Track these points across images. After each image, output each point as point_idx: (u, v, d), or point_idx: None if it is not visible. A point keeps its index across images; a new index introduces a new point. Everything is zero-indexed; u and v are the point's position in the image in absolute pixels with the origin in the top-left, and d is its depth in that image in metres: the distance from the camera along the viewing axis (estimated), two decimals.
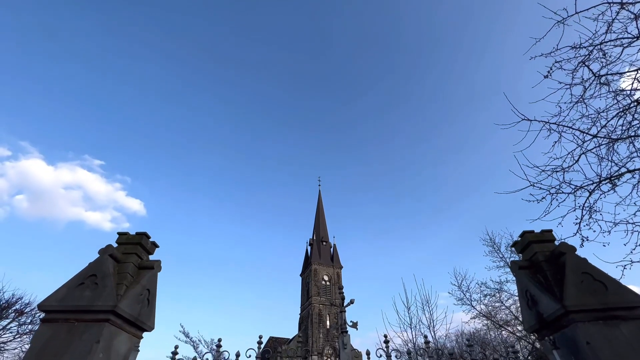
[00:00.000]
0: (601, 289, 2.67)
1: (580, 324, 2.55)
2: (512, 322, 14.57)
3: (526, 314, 3.15)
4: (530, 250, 3.21)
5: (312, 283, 57.70)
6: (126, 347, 2.96)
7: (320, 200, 77.79)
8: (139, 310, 3.07)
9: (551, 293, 2.79)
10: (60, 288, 2.94)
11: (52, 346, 2.60)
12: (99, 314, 2.76)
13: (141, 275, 3.27)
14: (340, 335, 2.90)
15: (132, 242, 3.42)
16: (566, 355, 2.69)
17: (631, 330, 2.50)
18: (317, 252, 64.22)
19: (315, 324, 50.33)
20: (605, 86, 4.66)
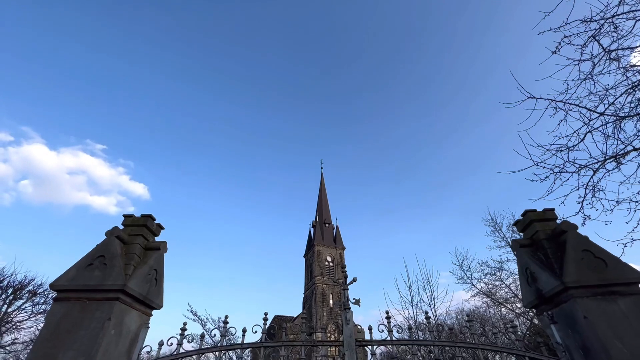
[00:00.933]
0: (601, 266, 2.70)
1: (579, 299, 2.60)
2: (512, 299, 14.89)
3: (526, 290, 3.21)
4: (531, 229, 3.22)
5: (316, 264, 58.82)
6: (137, 324, 3.06)
7: (322, 183, 77.99)
8: (147, 289, 3.16)
9: (551, 270, 2.83)
10: (70, 268, 3.02)
11: (65, 323, 2.69)
12: (109, 293, 2.84)
13: (148, 256, 3.34)
14: (343, 312, 2.98)
15: (138, 224, 3.47)
16: (563, 329, 2.76)
17: (628, 304, 2.54)
18: (320, 234, 65.03)
19: (319, 303, 51.77)
20: (615, 62, 4.53)
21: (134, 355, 2.92)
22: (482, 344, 2.76)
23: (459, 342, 2.79)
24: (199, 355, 2.95)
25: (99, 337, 2.60)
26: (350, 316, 2.97)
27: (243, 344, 2.93)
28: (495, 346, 2.79)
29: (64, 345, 2.56)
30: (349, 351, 2.80)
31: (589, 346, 2.50)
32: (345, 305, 3.02)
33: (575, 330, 2.63)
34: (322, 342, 2.89)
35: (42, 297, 17.92)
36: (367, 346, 2.86)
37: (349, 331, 2.89)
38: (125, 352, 2.87)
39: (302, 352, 2.93)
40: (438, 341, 2.79)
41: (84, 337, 2.62)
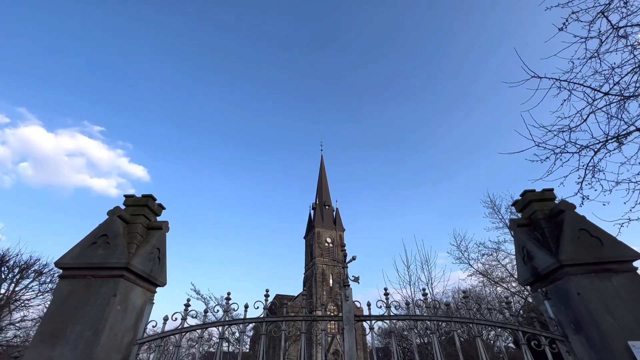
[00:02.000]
0: (597, 244, 2.74)
1: (573, 276, 2.66)
2: (507, 279, 15.22)
3: (522, 269, 3.28)
4: (530, 209, 3.25)
5: (316, 245, 59.74)
6: (141, 300, 3.15)
7: (322, 165, 77.88)
8: (150, 267, 3.22)
9: (547, 249, 2.88)
10: (74, 247, 3.07)
11: (72, 299, 2.77)
12: (113, 270, 2.90)
13: (150, 235, 3.38)
14: (342, 289, 3.05)
15: (139, 204, 3.49)
16: (557, 305, 2.84)
17: (621, 281, 2.60)
18: (320, 216, 65.64)
19: (319, 283, 53.00)
20: (623, 39, 4.41)
21: (140, 329, 3.01)
22: (477, 319, 2.85)
23: (454, 317, 2.88)
24: (203, 330, 3.05)
25: (105, 312, 2.68)
26: (350, 293, 3.05)
27: (245, 319, 3.02)
28: (490, 321, 2.88)
29: (72, 320, 2.65)
30: (348, 326, 2.89)
31: (580, 321, 2.58)
32: (344, 282, 3.09)
33: (568, 306, 2.71)
34: (322, 318, 2.98)
35: (48, 276, 18.34)
36: (366, 321, 2.95)
37: (348, 307, 2.97)
38: (132, 326, 2.97)
39: (302, 326, 3.03)
40: (434, 316, 2.88)
41: (90, 312, 2.70)
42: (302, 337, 3.06)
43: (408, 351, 33.43)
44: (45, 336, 2.59)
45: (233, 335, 11.35)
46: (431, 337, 2.89)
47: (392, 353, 2.96)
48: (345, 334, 2.86)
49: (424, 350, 15.40)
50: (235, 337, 10.84)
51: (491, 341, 33.46)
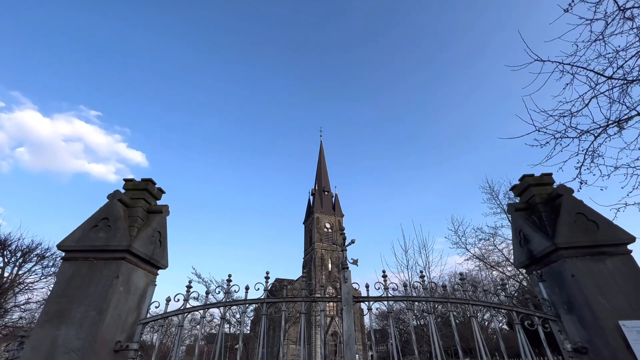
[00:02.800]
0: (593, 228, 2.78)
1: (568, 259, 2.71)
2: (503, 263, 15.51)
3: (518, 252, 3.33)
4: (528, 193, 3.27)
5: (315, 230, 60.30)
6: (144, 282, 3.20)
7: (321, 150, 77.61)
8: (152, 250, 3.26)
9: (544, 232, 2.92)
10: (75, 230, 3.09)
11: (76, 280, 2.81)
12: (115, 253, 2.94)
13: (151, 218, 3.40)
14: (342, 271, 3.10)
15: (139, 187, 3.50)
16: (551, 287, 2.91)
17: (615, 264, 2.65)
18: (319, 202, 65.95)
19: (318, 267, 53.85)
20: (629, 21, 4.32)
21: (143, 309, 3.08)
22: (472, 300, 2.92)
23: (450, 299, 2.95)
24: (205, 310, 3.12)
25: (109, 293, 2.73)
26: (349, 275, 3.10)
27: (246, 300, 3.08)
28: (485, 302, 2.95)
29: (76, 300, 2.70)
30: (346, 306, 2.96)
31: (573, 302, 2.65)
32: (343, 265, 3.15)
33: (562, 287, 2.77)
34: (321, 299, 3.05)
35: (51, 260, 18.60)
36: (364, 302, 3.02)
37: (346, 288, 3.03)
38: (135, 307, 3.03)
39: (302, 307, 3.10)
40: (431, 297, 2.95)
41: (94, 294, 2.75)
42: (302, 317, 3.14)
43: (405, 332, 34.36)
44: (51, 316, 2.65)
45: (234, 317, 11.62)
46: (427, 319, 2.96)
47: (389, 334, 3.04)
48: (344, 314, 2.93)
49: (420, 332, 15.85)
50: (237, 318, 11.10)
51: (486, 323, 34.31)
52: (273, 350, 39.38)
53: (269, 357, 38.79)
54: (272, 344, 39.51)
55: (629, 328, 2.35)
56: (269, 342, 39.67)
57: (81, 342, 2.52)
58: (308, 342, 44.07)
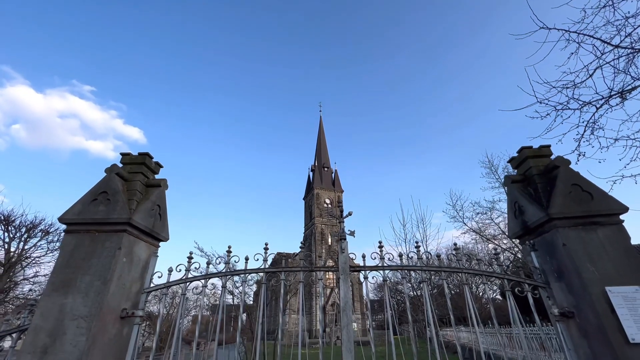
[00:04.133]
0: (587, 199, 2.81)
1: (561, 229, 2.76)
2: (499, 236, 15.83)
3: (512, 223, 3.38)
4: (525, 165, 3.27)
5: (315, 206, 60.96)
6: (146, 253, 3.28)
7: (321, 126, 76.75)
8: (152, 222, 3.31)
9: (539, 203, 2.95)
10: (75, 203, 3.12)
11: (79, 252, 2.88)
12: (116, 226, 2.98)
13: (150, 192, 3.42)
14: (339, 242, 3.17)
15: (136, 162, 3.49)
16: (542, 256, 2.99)
17: (606, 234, 2.71)
18: (319, 177, 66.16)
19: (318, 241, 55.00)
20: None
21: (146, 279, 3.18)
22: (465, 268, 3.01)
23: (445, 267, 3.04)
24: (206, 280, 3.22)
25: (112, 264, 2.81)
26: (346, 245, 3.18)
27: (246, 270, 3.18)
28: (478, 270, 3.05)
29: (81, 271, 2.78)
30: (343, 275, 3.06)
31: (563, 269, 2.73)
32: (341, 236, 3.21)
33: (553, 256, 2.84)
34: (319, 268, 3.14)
35: (55, 235, 18.97)
36: (360, 271, 3.11)
37: (344, 258, 3.12)
38: (139, 277, 3.13)
39: (301, 276, 3.20)
40: (426, 266, 3.04)
41: (98, 264, 2.82)
42: (301, 286, 3.25)
43: (402, 302, 35.61)
44: (57, 286, 2.74)
45: (237, 288, 12.02)
46: (422, 288, 3.07)
47: (384, 299, 3.16)
48: (341, 283, 3.04)
49: (416, 302, 16.48)
50: (237, 287, 11.50)
51: (480, 293, 35.56)
52: (275, 320, 41.09)
53: (271, 325, 40.60)
54: (274, 313, 41.16)
55: (615, 293, 2.44)
56: (272, 312, 41.30)
57: (88, 310, 2.62)
58: (308, 312, 45.89)
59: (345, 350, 2.73)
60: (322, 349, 2.94)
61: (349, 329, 2.84)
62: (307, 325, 44.28)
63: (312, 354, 16.86)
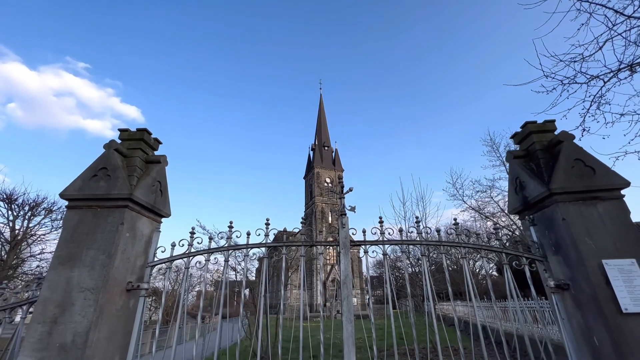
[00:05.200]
0: (589, 174, 2.79)
1: (562, 204, 2.76)
2: (498, 214, 15.98)
3: (512, 199, 3.39)
4: (528, 140, 3.23)
5: (315, 185, 61.19)
6: (148, 229, 3.31)
7: (321, 104, 75.58)
8: (154, 199, 3.32)
9: (540, 178, 2.94)
10: (75, 180, 3.11)
11: (82, 227, 2.91)
12: (117, 201, 2.99)
13: (150, 168, 3.41)
14: (340, 218, 3.19)
15: (135, 138, 3.45)
16: (541, 231, 3.01)
17: (606, 208, 2.71)
18: (319, 157, 65.97)
19: (319, 220, 55.67)
20: None
21: (150, 254, 3.23)
22: (464, 242, 3.05)
23: (444, 242, 3.08)
24: (208, 255, 3.27)
25: (116, 238, 2.84)
26: (346, 221, 3.20)
27: (248, 244, 3.22)
28: (477, 244, 3.09)
29: (85, 245, 2.82)
30: (344, 250, 3.10)
31: (561, 243, 2.76)
32: (341, 211, 3.23)
33: (551, 230, 2.87)
34: (319, 242, 3.19)
35: (59, 213, 19.20)
36: (360, 246, 3.15)
37: (344, 233, 3.15)
38: (142, 252, 3.18)
39: (302, 251, 3.25)
40: (425, 241, 3.08)
41: (101, 239, 2.86)
42: (302, 260, 3.31)
43: (400, 279, 36.52)
44: (63, 259, 2.79)
45: (239, 265, 12.29)
46: (421, 266, 3.12)
47: (384, 275, 3.22)
48: (341, 257, 3.09)
49: (414, 278, 16.91)
50: (239, 263, 11.77)
51: (477, 270, 36.35)
52: (277, 295, 42.37)
53: (273, 300, 41.91)
54: (276, 289, 42.34)
55: (611, 266, 2.48)
56: (273, 287, 42.47)
57: (94, 282, 2.68)
58: (309, 287, 47.21)
59: (345, 321, 2.82)
60: (323, 321, 3.04)
61: (349, 300, 2.92)
62: (308, 300, 45.72)
63: (313, 326, 17.48)
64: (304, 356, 2.92)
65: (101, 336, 2.60)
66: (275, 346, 11.17)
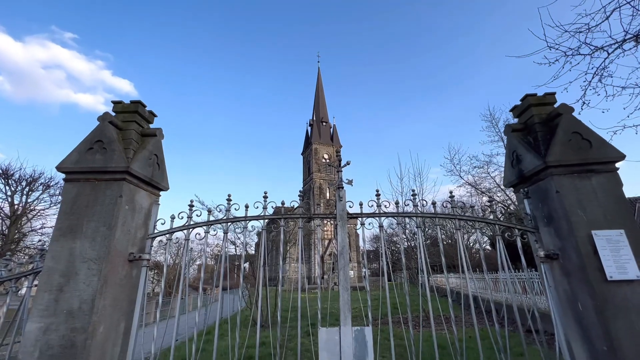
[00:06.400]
0: (586, 147, 2.80)
1: (556, 177, 2.80)
2: (494, 189, 16.16)
3: (509, 172, 3.41)
4: (527, 114, 3.21)
5: (313, 161, 61.09)
6: (147, 202, 3.34)
7: (319, 78, 73.76)
8: (151, 172, 3.32)
9: (537, 151, 2.95)
10: (71, 153, 3.09)
11: (81, 200, 2.93)
12: (115, 174, 2.99)
13: (146, 141, 3.38)
14: (337, 191, 3.22)
15: (129, 110, 3.39)
16: (535, 203, 3.07)
17: (599, 181, 2.75)
18: (317, 132, 65.36)
19: (317, 195, 56.10)
20: None
21: (150, 226, 3.28)
22: (459, 215, 3.11)
23: (439, 214, 3.14)
24: (208, 227, 3.32)
25: (115, 210, 2.87)
26: (343, 194, 3.24)
27: (246, 217, 3.27)
28: (471, 216, 3.15)
29: (86, 217, 2.85)
30: (341, 222, 3.16)
31: (553, 215, 2.82)
32: (339, 185, 3.26)
33: (545, 203, 2.92)
34: (317, 215, 3.24)
35: (57, 189, 19.22)
36: (358, 218, 3.21)
37: (341, 206, 3.20)
38: (142, 224, 3.22)
39: (300, 222, 3.31)
40: (421, 214, 3.14)
41: (101, 211, 2.89)
42: (300, 232, 3.37)
43: (396, 252, 37.55)
44: (64, 231, 2.83)
45: (238, 239, 12.51)
46: (417, 236, 3.19)
47: (380, 247, 3.30)
48: (338, 229, 3.15)
49: (409, 252, 17.37)
50: (238, 236, 11.98)
51: (471, 244, 37.21)
52: (276, 268, 43.53)
53: (272, 273, 43.11)
54: (275, 262, 43.43)
55: (600, 237, 2.56)
56: (272, 261, 43.56)
57: (96, 253, 2.74)
58: (307, 261, 48.48)
59: (342, 289, 2.93)
60: (320, 292, 3.15)
61: (346, 270, 3.02)
62: (306, 272, 47.11)
63: (311, 297, 18.12)
64: (302, 324, 3.06)
65: (106, 303, 2.70)
66: (275, 315, 11.66)
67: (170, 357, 3.02)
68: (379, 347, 3.45)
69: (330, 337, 2.81)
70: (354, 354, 2.74)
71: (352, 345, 2.75)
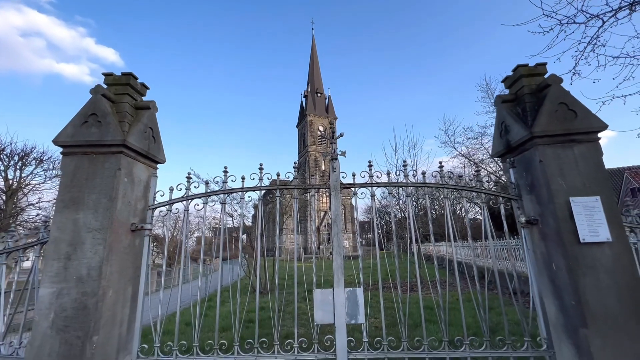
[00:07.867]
0: (571, 117, 2.89)
1: (541, 147, 2.91)
2: (487, 160, 16.38)
3: (497, 142, 3.52)
4: (518, 84, 3.26)
5: (308, 133, 60.55)
6: (145, 174, 3.42)
7: (314, 47, 71.15)
8: (147, 145, 3.36)
9: (524, 122, 3.04)
10: (66, 126, 3.11)
11: (81, 172, 2.99)
12: (111, 147, 3.04)
13: (140, 114, 3.39)
14: (331, 162, 3.32)
15: (121, 82, 3.37)
16: (519, 172, 3.21)
17: (581, 150, 2.87)
18: (312, 104, 64.20)
19: (312, 168, 56.27)
20: None
21: (150, 197, 3.39)
22: (447, 184, 3.25)
23: (427, 183, 3.28)
24: (206, 198, 3.44)
25: (115, 182, 2.95)
26: (337, 165, 3.34)
27: (243, 187, 3.38)
28: (457, 185, 3.30)
29: (87, 190, 2.93)
30: (334, 192, 3.29)
31: (535, 183, 2.98)
32: (333, 156, 3.35)
33: (528, 172, 3.06)
34: (312, 186, 3.36)
35: (50, 163, 19.06)
36: (351, 188, 3.34)
37: (335, 177, 3.31)
38: (142, 196, 3.32)
39: (295, 193, 3.44)
40: (410, 183, 3.27)
41: (101, 184, 2.97)
42: (295, 202, 3.51)
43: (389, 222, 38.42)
44: (67, 203, 2.92)
45: (235, 212, 12.73)
46: (407, 204, 3.34)
47: (371, 217, 3.46)
48: (332, 199, 3.29)
49: (402, 223, 17.89)
50: (235, 209, 12.19)
51: (462, 215, 38.14)
52: (273, 239, 44.53)
53: (269, 244, 44.14)
54: (272, 234, 44.33)
55: (577, 203, 2.73)
56: (269, 232, 44.44)
57: (100, 224, 2.86)
58: (303, 232, 49.57)
59: (335, 254, 3.12)
60: (315, 261, 3.34)
61: (339, 237, 3.19)
62: (302, 243, 48.34)
63: (307, 266, 18.80)
64: (299, 290, 3.27)
65: (113, 270, 2.86)
66: (273, 282, 12.18)
67: (176, 319, 3.25)
68: (369, 308, 3.72)
69: (324, 297, 3.03)
70: (346, 312, 2.98)
71: (344, 304, 2.99)
